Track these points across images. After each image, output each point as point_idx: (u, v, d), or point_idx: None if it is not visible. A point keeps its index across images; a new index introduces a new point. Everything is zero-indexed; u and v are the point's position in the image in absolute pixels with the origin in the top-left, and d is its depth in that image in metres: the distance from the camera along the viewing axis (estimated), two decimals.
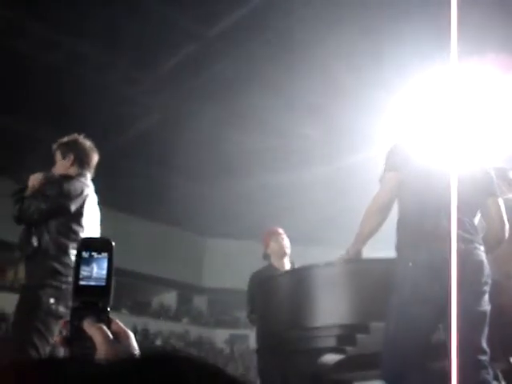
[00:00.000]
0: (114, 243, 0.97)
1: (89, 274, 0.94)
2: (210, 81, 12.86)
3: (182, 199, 17.95)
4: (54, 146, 3.71)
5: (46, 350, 3.18)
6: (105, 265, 0.95)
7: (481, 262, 2.96)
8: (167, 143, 15.04)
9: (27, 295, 3.29)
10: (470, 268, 2.86)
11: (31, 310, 3.21)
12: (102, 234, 3.79)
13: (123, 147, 15.26)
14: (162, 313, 22.61)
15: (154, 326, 21.11)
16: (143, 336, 20.09)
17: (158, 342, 20.51)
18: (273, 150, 15.02)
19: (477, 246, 2.99)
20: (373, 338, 3.07)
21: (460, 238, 2.86)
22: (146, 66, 12.75)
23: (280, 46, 11.69)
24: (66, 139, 3.69)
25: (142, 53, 12.24)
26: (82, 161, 3.63)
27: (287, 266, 4.99)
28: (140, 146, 15.24)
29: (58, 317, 3.21)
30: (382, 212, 3.07)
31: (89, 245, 0.95)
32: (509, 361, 3.58)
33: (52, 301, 3.22)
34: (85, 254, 0.95)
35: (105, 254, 0.95)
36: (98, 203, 3.73)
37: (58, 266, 3.32)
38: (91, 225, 3.59)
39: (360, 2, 10.24)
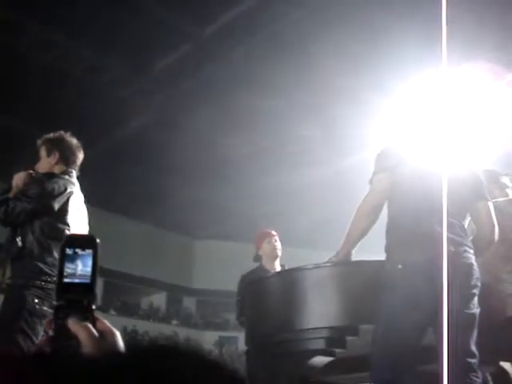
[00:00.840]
0: (98, 240, 0.95)
1: (73, 271, 0.92)
2: (204, 82, 12.85)
3: (172, 200, 17.92)
4: (39, 142, 3.63)
5: (32, 350, 3.16)
6: (89, 262, 0.93)
7: (470, 265, 2.96)
8: (160, 144, 15.00)
9: (12, 295, 3.26)
10: (459, 271, 2.86)
11: (16, 311, 3.18)
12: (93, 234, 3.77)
13: (116, 148, 15.21)
14: (152, 314, 22.54)
15: (143, 327, 21.03)
16: (132, 337, 20.00)
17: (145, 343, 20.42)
18: (267, 151, 15.02)
19: (467, 248, 3.00)
20: (362, 340, 3.06)
21: (450, 241, 2.86)
22: (140, 67, 12.72)
23: (275, 47, 11.70)
24: (51, 135, 3.62)
25: (136, 53, 12.21)
26: (67, 159, 3.57)
27: (278, 268, 4.98)
28: (132, 147, 15.20)
29: (43, 317, 3.18)
30: (373, 214, 3.07)
31: (73, 242, 0.94)
32: (498, 364, 3.59)
33: (37, 300, 3.20)
34: (69, 251, 0.93)
35: (89, 251, 0.93)
36: (89, 204, 3.69)
37: (42, 265, 3.28)
38: (77, 223, 3.55)
39: (355, 5, 10.26)
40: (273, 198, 17.18)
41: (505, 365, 3.62)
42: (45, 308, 3.22)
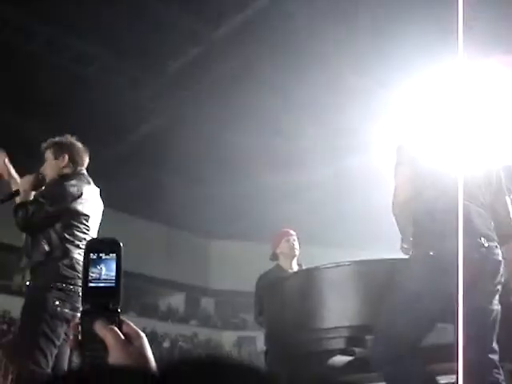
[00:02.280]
0: (121, 244, 0.96)
1: (98, 275, 0.93)
2: (211, 83, 12.87)
3: (188, 201, 17.95)
4: (44, 145, 3.60)
5: (52, 353, 3.16)
6: (113, 266, 0.94)
7: (499, 262, 2.94)
8: (173, 145, 15.04)
9: (32, 298, 3.25)
10: (489, 266, 2.86)
11: (37, 313, 3.18)
12: (110, 236, 3.75)
13: (128, 150, 15.28)
14: (170, 315, 22.60)
15: (162, 328, 21.10)
16: (151, 338, 20.09)
17: (166, 345, 20.50)
18: (279, 149, 15.01)
19: (496, 244, 2.98)
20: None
21: (485, 235, 2.86)
22: (148, 69, 12.77)
23: (282, 48, 11.70)
24: (58, 139, 3.59)
25: (145, 55, 12.26)
26: (75, 161, 3.55)
27: (295, 267, 4.96)
28: (146, 148, 15.26)
29: (64, 319, 3.18)
30: (407, 204, 3.04)
31: (96, 246, 0.94)
32: None
33: (58, 303, 3.19)
34: (93, 256, 0.93)
35: (113, 255, 0.94)
36: (106, 205, 3.67)
37: (63, 268, 3.27)
38: (96, 224, 3.54)
39: (364, 2, 10.23)
40: (289, 196, 17.16)
41: None
42: (66, 310, 3.22)
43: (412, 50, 10.07)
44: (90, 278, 0.93)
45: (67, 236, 3.35)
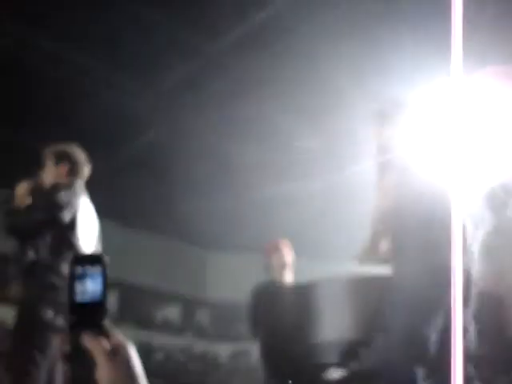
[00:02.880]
0: (106, 257, 0.97)
1: (83, 289, 0.94)
2: (209, 96, 12.92)
3: (184, 212, 17.93)
4: (46, 151, 3.59)
5: (45, 366, 3.14)
6: (99, 280, 0.95)
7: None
8: (170, 156, 15.06)
9: (25, 309, 3.23)
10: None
11: (30, 325, 3.16)
12: (104, 247, 3.74)
13: (125, 161, 15.30)
14: (166, 327, 22.53)
15: (158, 339, 21.03)
16: (146, 350, 20.01)
17: (161, 356, 20.42)
18: (277, 162, 15.03)
19: None
20: (375, 352, 3.04)
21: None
22: (146, 81, 12.81)
23: (281, 61, 11.74)
24: (60, 146, 3.59)
25: (142, 67, 12.30)
26: (75, 171, 3.54)
27: (288, 278, 4.93)
28: (141, 159, 15.27)
29: (57, 330, 3.16)
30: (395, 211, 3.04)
31: (81, 261, 0.96)
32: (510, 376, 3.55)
33: (50, 314, 3.16)
34: (78, 270, 0.94)
35: (98, 269, 0.95)
36: (102, 217, 3.66)
37: (55, 278, 3.25)
38: (87, 235, 3.52)
39: (361, 13, 10.28)
40: (286, 207, 17.17)
41: None
42: (59, 322, 3.19)
43: (408, 62, 10.12)
44: (75, 292, 0.93)
45: (55, 246, 3.33)
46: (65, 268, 3.29)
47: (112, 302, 22.08)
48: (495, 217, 3.68)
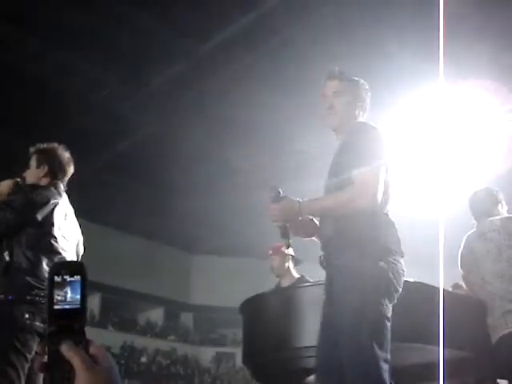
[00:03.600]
0: (85, 266, 0.97)
1: (63, 297, 0.94)
2: (200, 97, 12.90)
3: (169, 215, 17.90)
4: (32, 150, 3.56)
5: (24, 368, 3.11)
6: (78, 288, 0.95)
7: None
8: (156, 159, 15.03)
9: (1, 311, 3.18)
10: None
11: (6, 327, 3.12)
12: (89, 249, 3.72)
13: (111, 162, 15.24)
14: (149, 330, 22.45)
15: (141, 342, 20.95)
16: (129, 353, 19.92)
17: (144, 359, 20.34)
18: (263, 166, 15.04)
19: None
20: None
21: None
22: (136, 82, 12.77)
23: (271, 63, 11.77)
24: (44, 146, 3.54)
25: (132, 68, 12.27)
26: (55, 173, 3.50)
27: (284, 282, 4.93)
28: (128, 161, 15.22)
29: (35, 332, 3.13)
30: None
31: (61, 269, 0.96)
32: (495, 382, 3.59)
33: (27, 316, 3.13)
34: (57, 279, 0.95)
35: (77, 277, 0.95)
36: (85, 218, 3.64)
37: (31, 279, 3.21)
38: (67, 237, 3.48)
39: (349, 22, 10.35)
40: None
41: (502, 382, 3.62)
42: (37, 323, 3.16)
43: (397, 73, 10.22)
44: (55, 300, 0.94)
45: (32, 246, 3.29)
46: (41, 268, 3.26)
47: (95, 304, 21.96)
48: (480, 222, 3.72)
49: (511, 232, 3.54)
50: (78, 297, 0.94)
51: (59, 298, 0.94)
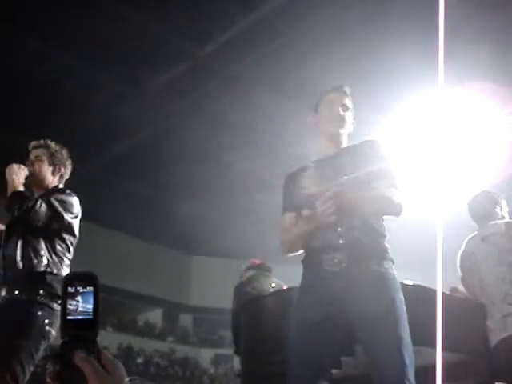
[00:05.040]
0: (97, 277, 0.99)
1: (75, 308, 0.96)
2: (199, 99, 12.91)
3: (168, 217, 17.91)
4: (42, 143, 3.48)
5: (29, 372, 3.10)
6: (91, 298, 0.97)
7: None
8: (155, 160, 15.04)
9: (23, 313, 3.13)
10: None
11: (27, 330, 3.09)
12: (88, 250, 3.71)
13: (110, 163, 15.25)
14: (147, 331, 22.44)
15: (139, 344, 20.94)
16: (127, 354, 19.91)
17: (142, 360, 20.33)
18: (261, 169, 15.05)
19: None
20: (357, 360, 3.06)
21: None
22: (135, 84, 12.79)
23: (270, 67, 11.78)
24: (57, 147, 3.49)
25: (132, 70, 12.28)
26: (63, 175, 3.50)
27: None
28: (128, 162, 15.23)
29: (48, 339, 3.11)
30: None
31: (74, 280, 0.98)
32: None
33: (47, 322, 3.12)
34: (70, 289, 0.97)
35: (90, 288, 0.97)
36: (88, 220, 3.62)
37: (55, 284, 3.18)
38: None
39: (349, 27, 10.37)
40: (271, 213, 17.18)
41: None
42: (53, 332, 3.15)
43: (397, 75, 10.23)
44: (68, 310, 0.96)
45: (59, 250, 3.26)
46: (61, 274, 3.21)
47: None
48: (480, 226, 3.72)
49: None
50: (91, 307, 0.96)
51: (72, 307, 0.96)
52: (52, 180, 3.43)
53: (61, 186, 3.47)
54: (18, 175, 3.28)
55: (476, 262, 3.62)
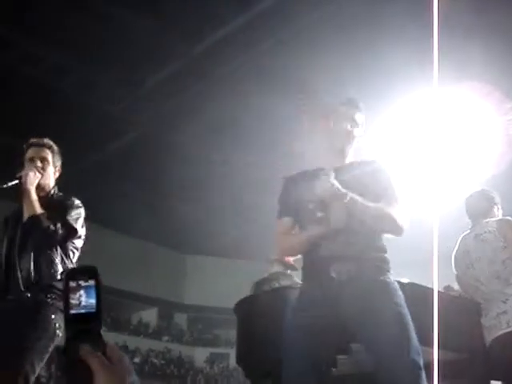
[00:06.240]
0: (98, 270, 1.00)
1: (77, 302, 0.96)
2: (193, 98, 12.91)
3: (163, 215, 17.89)
4: (45, 141, 3.41)
5: (38, 371, 3.11)
6: (93, 292, 0.97)
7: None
8: (150, 159, 15.03)
9: (38, 314, 3.11)
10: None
11: (42, 332, 3.08)
12: (83, 249, 3.70)
13: (105, 162, 15.22)
14: (142, 330, 22.42)
15: (134, 343, 20.94)
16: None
17: (137, 360, 20.32)
18: (256, 167, 15.04)
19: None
20: (353, 358, 3.06)
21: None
22: (129, 83, 12.77)
23: (263, 66, 11.78)
24: (55, 146, 3.44)
25: (127, 69, 12.27)
26: (58, 175, 3.47)
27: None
28: (121, 162, 15.21)
29: (57, 341, 3.12)
30: None
31: (75, 274, 0.98)
32: (489, 383, 3.60)
33: (57, 325, 3.12)
34: (72, 284, 0.97)
35: (92, 282, 0.97)
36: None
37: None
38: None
39: (344, 27, 10.38)
40: (266, 213, 17.18)
41: None
42: (61, 335, 3.14)
43: (392, 77, 10.25)
44: (70, 305, 0.96)
45: (72, 256, 3.28)
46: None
47: None
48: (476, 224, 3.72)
49: (507, 234, 3.55)
50: (93, 301, 0.97)
51: (74, 302, 0.96)
52: (53, 181, 3.41)
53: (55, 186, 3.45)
54: (34, 185, 3.25)
55: (470, 260, 3.62)
